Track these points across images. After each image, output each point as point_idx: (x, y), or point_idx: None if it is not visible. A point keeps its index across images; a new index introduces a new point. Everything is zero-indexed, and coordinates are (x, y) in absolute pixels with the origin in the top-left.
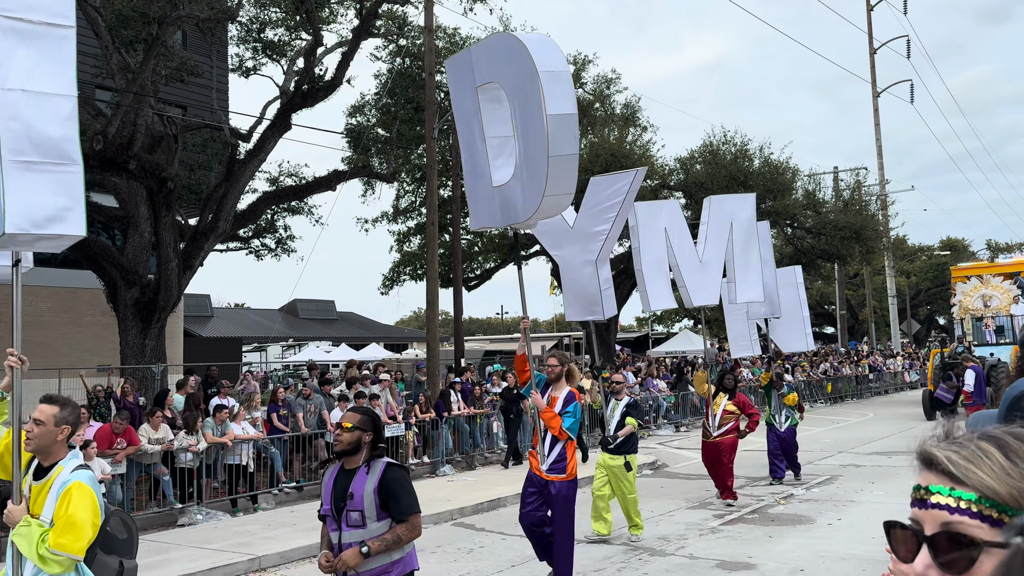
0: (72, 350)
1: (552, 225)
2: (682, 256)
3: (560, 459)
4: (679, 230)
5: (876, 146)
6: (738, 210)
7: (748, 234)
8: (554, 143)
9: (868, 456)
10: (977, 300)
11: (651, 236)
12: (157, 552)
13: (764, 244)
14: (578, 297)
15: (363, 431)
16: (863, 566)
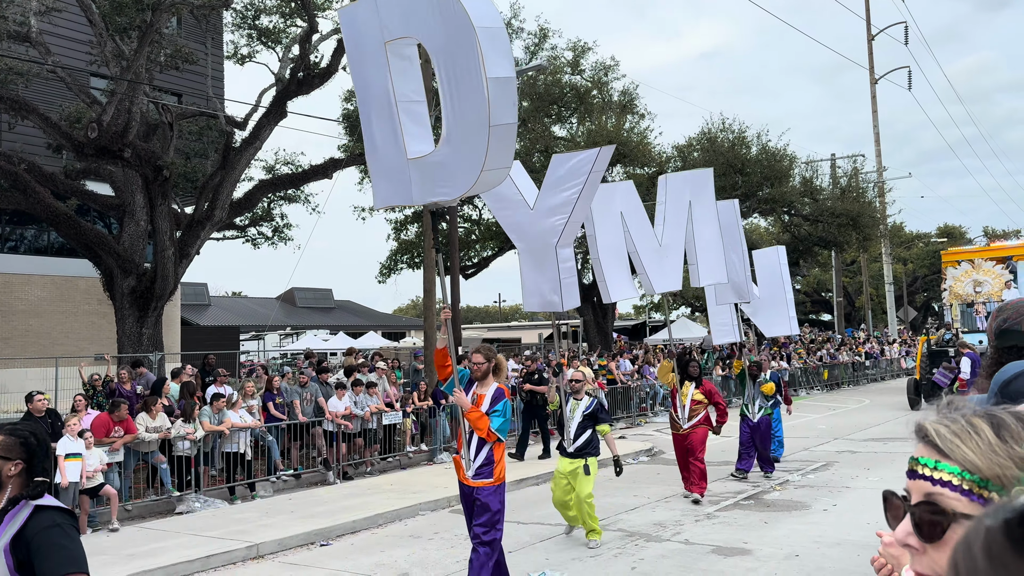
0: (69, 339)
1: (511, 206)
2: (640, 241)
3: (487, 462)
4: (635, 213)
5: (874, 133)
6: (696, 188)
7: (707, 213)
8: (496, 111)
9: (864, 443)
10: (968, 285)
11: (606, 221)
12: (155, 540)
13: (731, 224)
14: (537, 285)
15: (5, 459)
16: (858, 551)
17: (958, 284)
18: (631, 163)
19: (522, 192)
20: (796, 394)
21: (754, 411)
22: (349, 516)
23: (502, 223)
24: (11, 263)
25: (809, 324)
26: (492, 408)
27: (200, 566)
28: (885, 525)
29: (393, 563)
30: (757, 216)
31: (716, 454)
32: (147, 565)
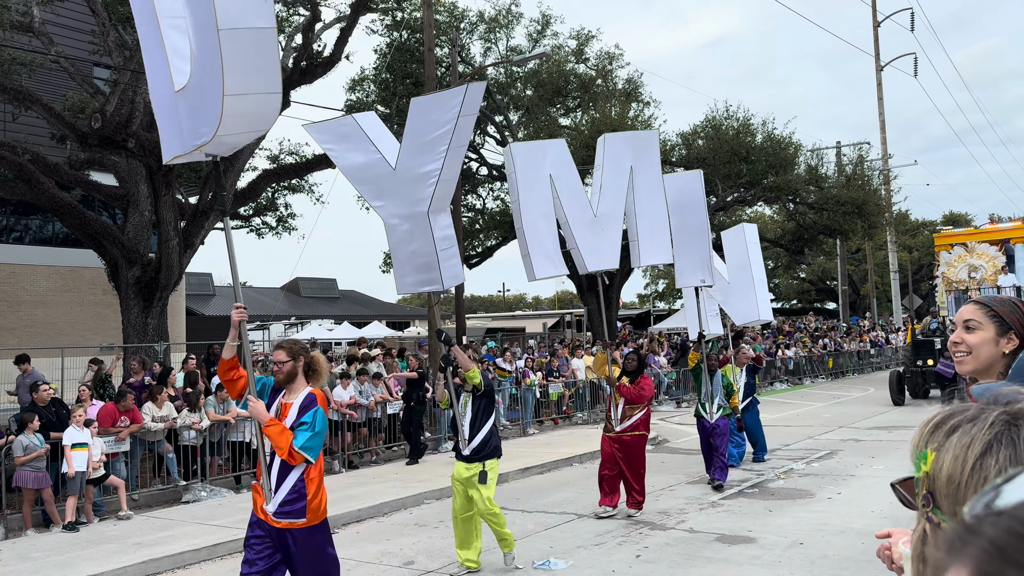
0: (74, 329)
1: (369, 172)
2: (572, 210)
3: (296, 495)
4: (567, 177)
5: (879, 121)
6: (639, 151)
7: (651, 181)
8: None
9: (869, 431)
10: (962, 271)
11: (533, 186)
12: (162, 528)
13: (694, 199)
14: (409, 262)
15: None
16: (862, 539)
17: (951, 269)
18: None
19: (380, 150)
20: (800, 383)
21: (712, 411)
22: (355, 505)
23: (365, 196)
24: (16, 253)
25: (814, 312)
26: (299, 420)
27: (207, 555)
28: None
29: (399, 551)
30: (762, 204)
31: None
32: (154, 554)
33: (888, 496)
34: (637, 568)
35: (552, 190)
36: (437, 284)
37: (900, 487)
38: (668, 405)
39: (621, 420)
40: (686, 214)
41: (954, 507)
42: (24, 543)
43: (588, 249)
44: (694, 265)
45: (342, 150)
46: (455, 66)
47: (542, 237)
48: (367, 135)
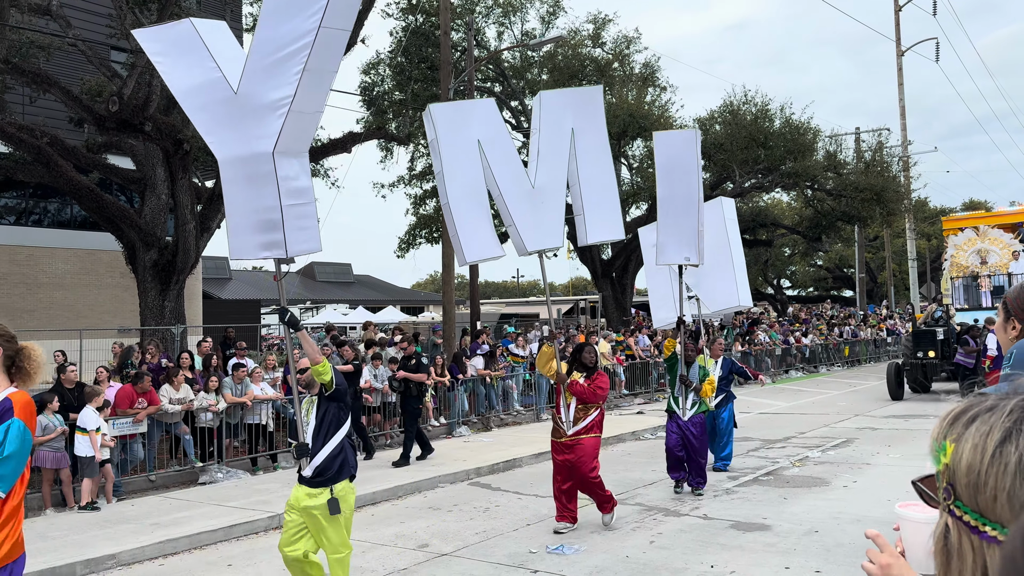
0: (93, 311)
1: (205, 90)
2: (505, 181)
3: None
4: (499, 143)
5: (899, 106)
6: (581, 111)
7: (598, 145)
8: None
9: (885, 419)
10: (972, 256)
11: (458, 154)
12: (179, 509)
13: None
14: (248, 219)
15: None
16: (879, 528)
17: (960, 254)
18: (652, 136)
19: (221, 67)
20: (816, 371)
21: (685, 407)
22: (370, 487)
23: (199, 127)
24: (35, 236)
25: (831, 300)
26: None
27: (223, 535)
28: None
29: (413, 534)
30: (779, 191)
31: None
32: (171, 534)
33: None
34: (651, 554)
35: (481, 158)
36: (280, 249)
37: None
38: None
39: (574, 422)
40: (674, 179)
41: (975, 497)
42: (43, 522)
43: (527, 226)
44: (679, 240)
45: (173, 63)
46: (471, 50)
47: (472, 213)
48: (207, 47)
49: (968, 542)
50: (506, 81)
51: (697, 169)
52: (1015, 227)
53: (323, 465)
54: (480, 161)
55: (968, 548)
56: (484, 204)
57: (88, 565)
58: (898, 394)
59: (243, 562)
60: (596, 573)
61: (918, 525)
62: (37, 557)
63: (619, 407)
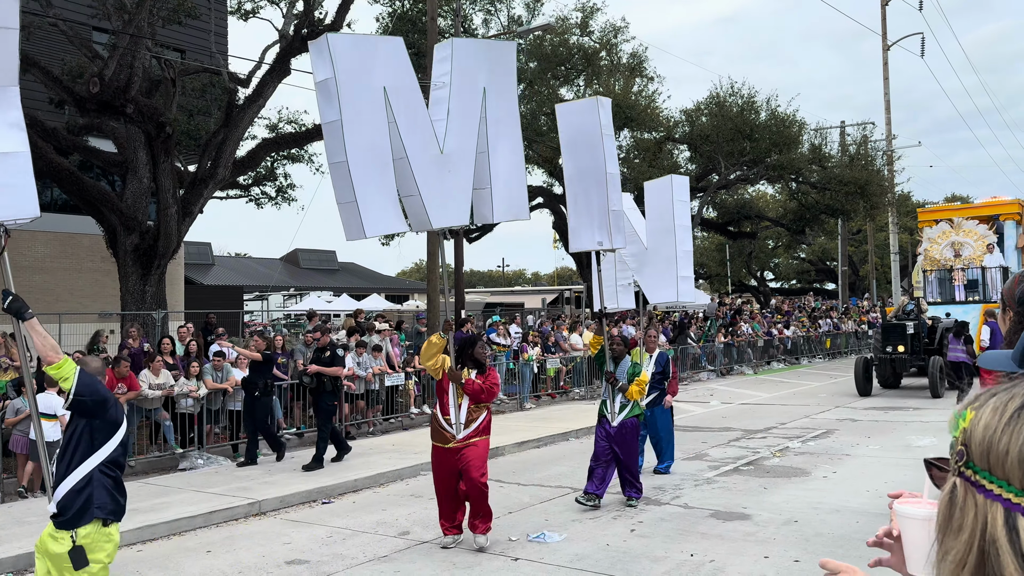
0: (73, 295)
1: None
2: (413, 142)
3: None
4: (407, 95)
5: (884, 101)
6: (495, 66)
7: (509, 111)
8: None
9: (865, 411)
10: (946, 249)
11: (362, 102)
12: (158, 495)
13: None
14: None
15: None
16: (857, 518)
17: (934, 247)
18: (638, 127)
19: None
20: (797, 362)
21: (613, 409)
22: (351, 475)
23: None
24: None
25: (814, 293)
26: None
27: (203, 521)
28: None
29: (394, 521)
30: (764, 183)
31: (715, 420)
32: (151, 520)
33: (883, 475)
34: (632, 542)
35: (387, 109)
36: None
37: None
38: None
39: (466, 424)
40: (580, 154)
41: (987, 455)
42: (20, 507)
43: (433, 197)
44: (590, 223)
45: None
46: (458, 36)
47: (374, 176)
48: None
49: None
50: None
51: (604, 140)
52: (991, 219)
53: (64, 501)
54: (385, 113)
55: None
56: (388, 166)
57: None
58: (866, 389)
59: (222, 548)
60: (577, 561)
61: (920, 522)
62: (13, 542)
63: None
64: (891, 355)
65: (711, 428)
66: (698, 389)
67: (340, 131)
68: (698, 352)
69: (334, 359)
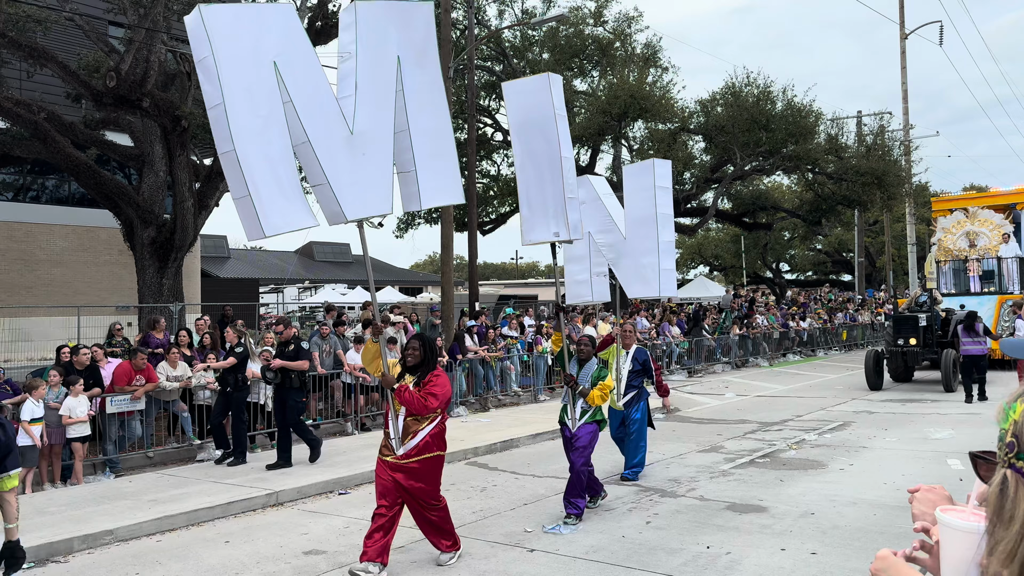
0: (91, 288)
1: None
2: (314, 122)
3: None
4: (303, 66)
5: (902, 90)
6: (408, 31)
7: (430, 82)
8: None
9: (882, 403)
10: (961, 239)
11: (248, 79)
12: (176, 486)
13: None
14: None
15: None
16: (874, 511)
17: (948, 237)
18: (652, 118)
19: None
20: (813, 354)
21: (574, 415)
22: (367, 466)
23: None
24: (33, 212)
25: (830, 284)
26: None
27: (220, 512)
28: (901, 485)
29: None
30: (780, 174)
31: (730, 412)
32: (169, 510)
33: (901, 468)
34: (647, 534)
35: (279, 86)
36: None
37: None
38: (680, 375)
39: (403, 439)
40: (531, 136)
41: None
42: (41, 497)
43: (345, 186)
44: (545, 213)
45: None
46: (471, 28)
47: (270, 166)
48: None
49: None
50: (506, 60)
51: (557, 121)
52: (1007, 208)
53: None
54: (278, 91)
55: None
56: (287, 153)
57: (86, 540)
58: (876, 383)
59: (240, 539)
60: (592, 552)
61: (963, 535)
62: (35, 532)
63: None
64: (903, 348)
65: (726, 420)
66: (713, 381)
67: (224, 116)
68: (713, 344)
69: (299, 353)
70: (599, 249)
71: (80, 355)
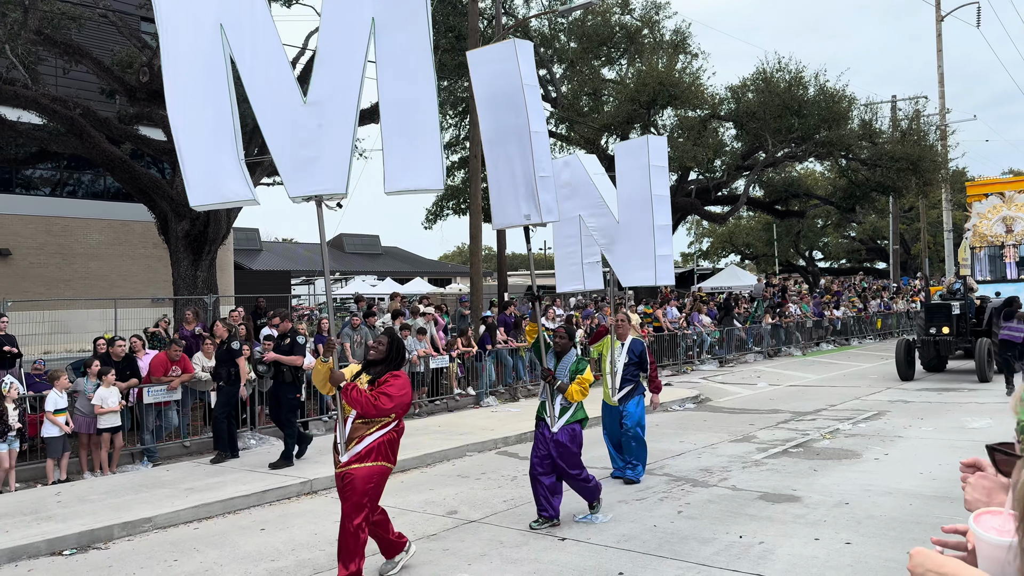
0: (127, 281)
1: None
2: (260, 89)
3: None
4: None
5: (938, 73)
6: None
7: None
8: None
9: (917, 392)
10: (997, 224)
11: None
12: (212, 475)
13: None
14: None
15: None
16: (910, 500)
17: (983, 223)
18: (682, 105)
19: None
20: (847, 343)
21: (553, 413)
22: (399, 455)
23: None
24: (70, 207)
25: (864, 272)
26: None
27: (256, 500)
28: (938, 474)
29: (442, 501)
30: (813, 160)
31: (762, 402)
32: (205, 499)
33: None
34: (679, 523)
35: (224, 52)
36: None
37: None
38: (711, 364)
39: (348, 444)
40: (499, 110)
41: None
42: (82, 485)
43: (290, 159)
44: (515, 194)
45: None
46: (499, 17)
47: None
48: None
49: None
50: (534, 50)
51: (525, 92)
52: None
53: None
54: (221, 55)
55: None
56: (226, 122)
57: (125, 528)
58: (908, 374)
59: (276, 527)
60: (624, 541)
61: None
62: (76, 520)
63: None
64: (935, 337)
65: (759, 410)
66: (745, 371)
67: (174, 87)
68: (744, 334)
69: (294, 347)
70: (591, 233)
71: (115, 347)
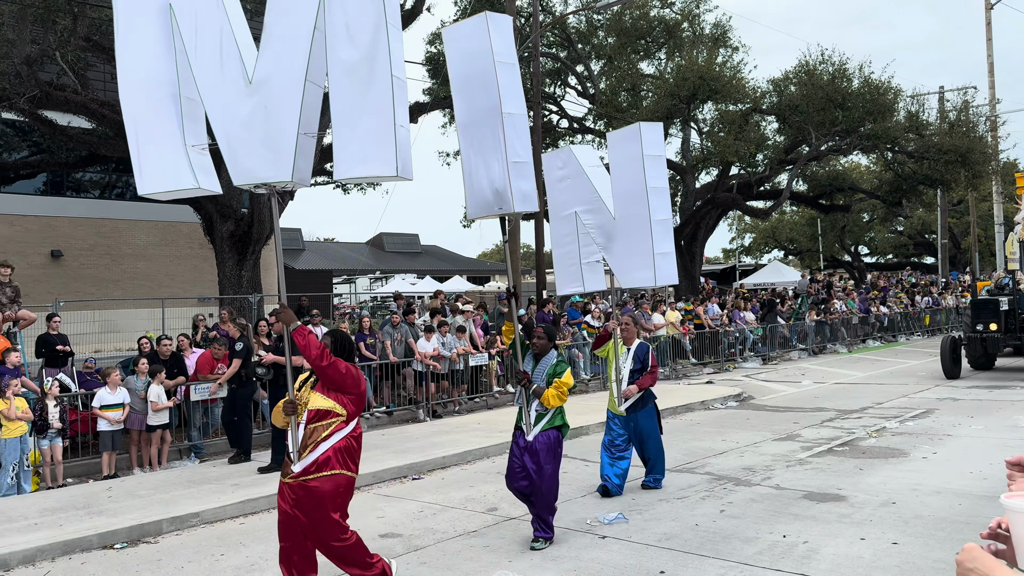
0: (174, 281)
1: None
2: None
3: None
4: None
5: (987, 63)
6: None
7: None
8: None
9: (967, 390)
10: None
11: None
12: (257, 472)
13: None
14: None
15: None
16: (959, 500)
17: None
18: (723, 99)
19: None
20: (894, 340)
21: (529, 419)
22: (439, 452)
23: None
24: (118, 209)
25: (911, 267)
26: None
27: None
28: (988, 474)
29: (482, 498)
30: (858, 153)
31: (807, 400)
32: (251, 494)
33: (988, 456)
34: (721, 523)
35: (173, 30)
36: None
37: None
38: (754, 362)
39: (301, 451)
40: (473, 93)
41: None
42: (132, 481)
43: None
44: (490, 182)
45: None
46: (536, 14)
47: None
48: None
49: None
50: (571, 46)
51: (497, 71)
52: None
53: None
54: (170, 36)
55: None
56: (173, 106)
57: (174, 523)
58: (954, 372)
59: None
60: (665, 540)
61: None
62: (127, 514)
63: (688, 376)
64: (982, 334)
65: (803, 408)
66: (789, 368)
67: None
68: (788, 331)
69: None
70: (588, 231)
71: (162, 346)
